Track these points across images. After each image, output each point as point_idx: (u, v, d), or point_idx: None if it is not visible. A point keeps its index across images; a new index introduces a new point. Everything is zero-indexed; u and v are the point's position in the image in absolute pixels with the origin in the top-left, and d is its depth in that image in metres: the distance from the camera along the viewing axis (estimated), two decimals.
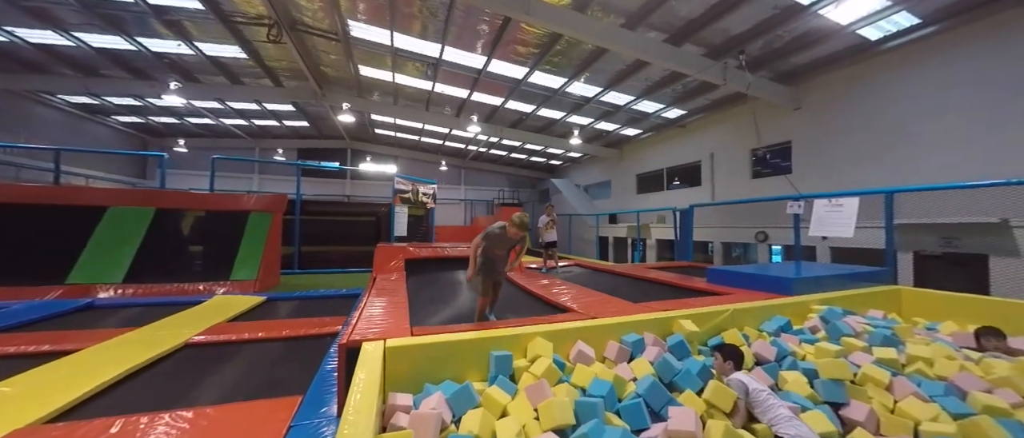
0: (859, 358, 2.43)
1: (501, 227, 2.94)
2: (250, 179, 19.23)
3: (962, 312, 3.38)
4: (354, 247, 9.23)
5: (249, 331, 3.51)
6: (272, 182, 18.69)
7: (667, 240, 12.47)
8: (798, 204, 5.65)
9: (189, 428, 1.85)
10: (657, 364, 2.18)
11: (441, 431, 1.56)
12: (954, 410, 1.93)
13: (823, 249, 8.36)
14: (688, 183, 13.93)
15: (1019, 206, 5.84)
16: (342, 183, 20.74)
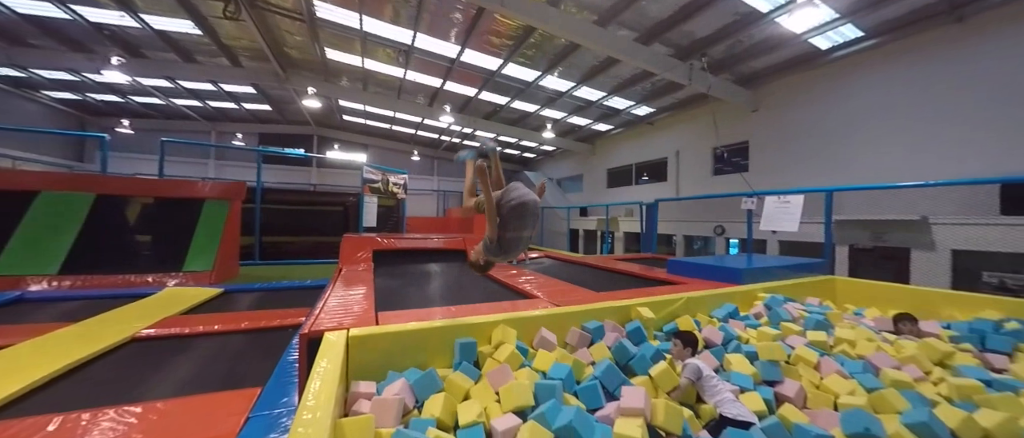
0: (794, 341, 2.68)
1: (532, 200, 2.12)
2: (205, 165, 18.05)
3: (885, 299, 3.77)
4: (320, 237, 8.94)
5: (204, 324, 3.37)
6: (230, 169, 17.63)
7: (634, 233, 12.93)
8: (751, 200, 6.04)
9: (137, 423, 1.78)
10: (614, 349, 2.31)
11: (404, 416, 1.60)
12: (868, 385, 2.18)
13: (773, 242, 8.99)
14: (655, 178, 14.46)
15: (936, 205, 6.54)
16: (308, 171, 19.88)
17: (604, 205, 11.99)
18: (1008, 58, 6.30)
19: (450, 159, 22.35)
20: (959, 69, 6.82)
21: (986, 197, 6.12)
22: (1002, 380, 2.17)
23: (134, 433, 1.70)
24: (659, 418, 1.76)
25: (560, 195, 19.08)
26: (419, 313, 2.52)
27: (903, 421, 1.77)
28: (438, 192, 21.52)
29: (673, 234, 12.58)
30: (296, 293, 4.89)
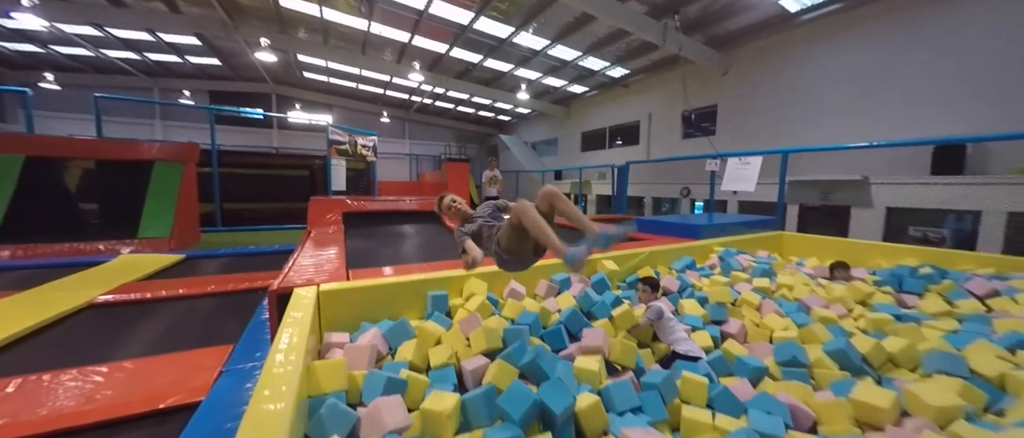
0: (741, 287, 2.95)
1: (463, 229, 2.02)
2: (150, 126, 16.53)
3: (825, 251, 4.15)
4: (286, 203, 8.59)
5: (168, 289, 3.26)
6: (180, 130, 16.25)
7: (606, 196, 13.25)
8: (715, 162, 6.30)
9: (103, 382, 1.76)
10: (579, 298, 2.47)
11: (377, 361, 1.68)
12: (800, 322, 2.47)
13: (733, 203, 9.49)
14: (628, 142, 14.64)
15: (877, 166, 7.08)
16: (268, 133, 18.65)
17: (578, 168, 12.11)
18: (960, 30, 6.62)
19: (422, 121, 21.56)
20: (915, 38, 7.13)
21: (919, 158, 6.68)
22: (909, 314, 2.51)
23: (101, 391, 1.69)
24: (615, 354, 1.95)
25: (535, 159, 19.03)
26: (391, 270, 2.56)
27: (824, 349, 2.04)
28: (411, 156, 20.86)
29: (643, 196, 13.00)
30: (264, 258, 4.77)
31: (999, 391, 1.65)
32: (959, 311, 2.51)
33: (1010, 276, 2.92)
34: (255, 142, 17.59)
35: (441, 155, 20.64)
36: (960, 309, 2.53)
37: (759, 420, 1.46)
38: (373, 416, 1.18)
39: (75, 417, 1.51)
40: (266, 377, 1.02)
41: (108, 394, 1.66)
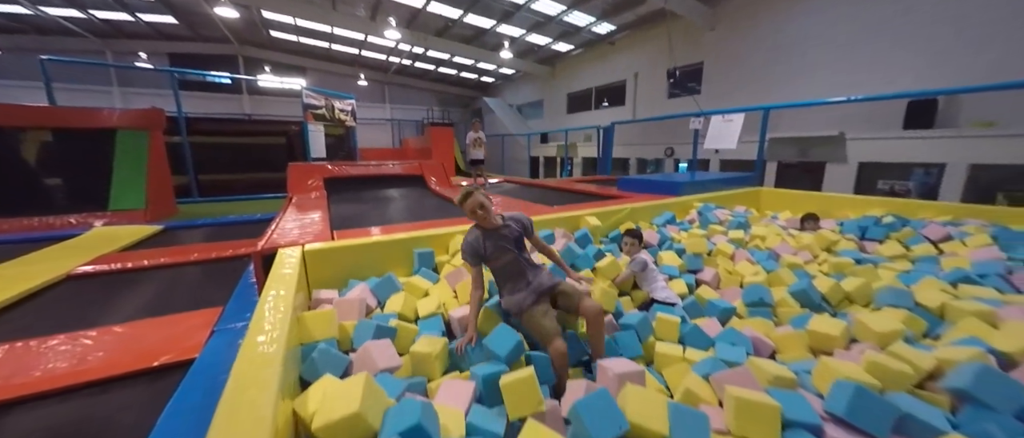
0: (717, 239, 3.09)
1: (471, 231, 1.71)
2: (108, 93, 15.40)
3: (800, 204, 4.32)
4: (264, 173, 8.33)
5: (149, 258, 3.22)
6: (141, 98, 15.18)
7: (592, 158, 13.25)
8: (699, 120, 6.32)
9: (93, 345, 1.78)
10: (563, 252, 2.54)
11: (367, 314, 1.73)
12: (768, 268, 2.62)
13: (716, 162, 9.64)
14: (614, 103, 14.44)
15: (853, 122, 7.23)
16: (238, 99, 17.64)
17: (563, 130, 11.98)
18: None
19: (402, 84, 20.67)
20: None
21: (893, 114, 6.84)
22: (868, 258, 2.69)
23: (92, 353, 1.71)
24: (596, 299, 2.05)
25: (521, 122, 18.68)
26: (377, 231, 2.57)
27: (788, 290, 2.19)
28: (392, 121, 20.18)
29: (628, 158, 13.05)
30: (246, 227, 4.70)
31: (938, 319, 1.83)
32: (913, 254, 2.70)
33: (963, 222, 3.12)
34: (225, 109, 16.67)
35: (424, 120, 20.03)
36: (914, 252, 2.72)
37: (724, 350, 1.60)
38: (364, 358, 1.24)
39: (69, 377, 1.54)
40: (256, 324, 1.06)
41: (100, 355, 1.69)
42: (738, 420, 1.08)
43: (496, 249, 1.66)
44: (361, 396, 0.86)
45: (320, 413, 0.86)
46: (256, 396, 0.77)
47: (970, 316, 1.66)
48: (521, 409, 1.12)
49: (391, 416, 0.91)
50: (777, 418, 1.05)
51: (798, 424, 1.07)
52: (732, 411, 1.09)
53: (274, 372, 0.85)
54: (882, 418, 1.04)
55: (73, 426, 1.34)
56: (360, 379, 0.91)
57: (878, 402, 1.05)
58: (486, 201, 1.67)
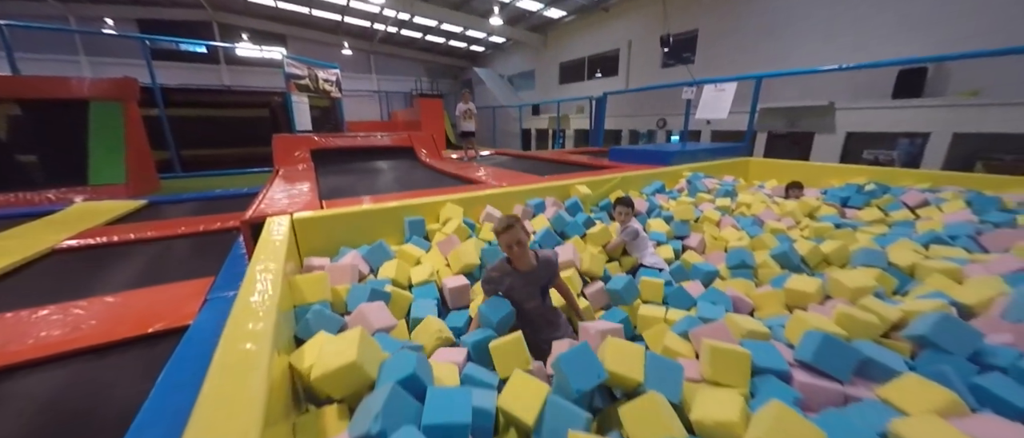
0: (705, 206, 3.14)
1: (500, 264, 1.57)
2: (75, 63, 14.54)
3: (787, 174, 4.38)
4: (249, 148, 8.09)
5: (136, 232, 3.17)
6: (110, 68, 14.36)
7: (585, 130, 13.13)
8: (691, 90, 6.26)
9: (85, 314, 1.79)
10: (553, 219, 2.58)
11: (359, 280, 1.76)
12: (752, 233, 2.70)
13: (707, 133, 9.63)
14: (607, 73, 14.16)
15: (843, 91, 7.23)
16: (216, 70, 16.83)
17: (555, 101, 11.77)
18: None
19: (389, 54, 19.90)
20: None
21: (884, 83, 6.85)
22: (847, 222, 2.77)
23: (85, 322, 1.72)
24: (585, 265, 2.11)
25: (512, 94, 18.26)
26: (366, 200, 2.56)
27: (770, 254, 2.27)
28: (379, 93, 19.54)
29: (620, 130, 12.96)
30: (232, 201, 4.63)
31: (908, 277, 1.93)
32: (891, 219, 2.79)
33: (941, 189, 3.21)
34: (203, 80, 15.91)
35: (412, 91, 19.43)
36: (892, 217, 2.81)
37: (705, 309, 1.67)
38: (359, 319, 1.28)
39: (64, 344, 1.55)
40: (248, 284, 1.07)
41: (93, 323, 1.70)
42: (712, 367, 1.15)
43: (524, 295, 1.52)
44: (358, 347, 0.89)
45: (318, 364, 0.89)
46: (251, 349, 0.79)
47: (937, 273, 1.75)
48: (509, 368, 1.17)
49: (387, 367, 0.95)
50: (747, 364, 1.11)
51: (767, 370, 1.14)
52: (707, 360, 1.16)
53: (267, 326, 0.87)
54: (845, 362, 1.11)
55: (71, 390, 1.37)
56: (356, 332, 0.94)
57: (843, 348, 1.13)
58: (524, 237, 1.49)
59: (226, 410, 0.62)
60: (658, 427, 0.90)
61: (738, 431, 0.87)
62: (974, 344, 1.17)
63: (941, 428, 0.84)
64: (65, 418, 1.25)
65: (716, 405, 0.95)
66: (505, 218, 1.50)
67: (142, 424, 1.15)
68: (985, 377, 1.06)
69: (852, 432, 0.87)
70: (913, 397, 0.97)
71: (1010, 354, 1.13)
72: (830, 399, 1.07)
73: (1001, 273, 1.66)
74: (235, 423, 0.60)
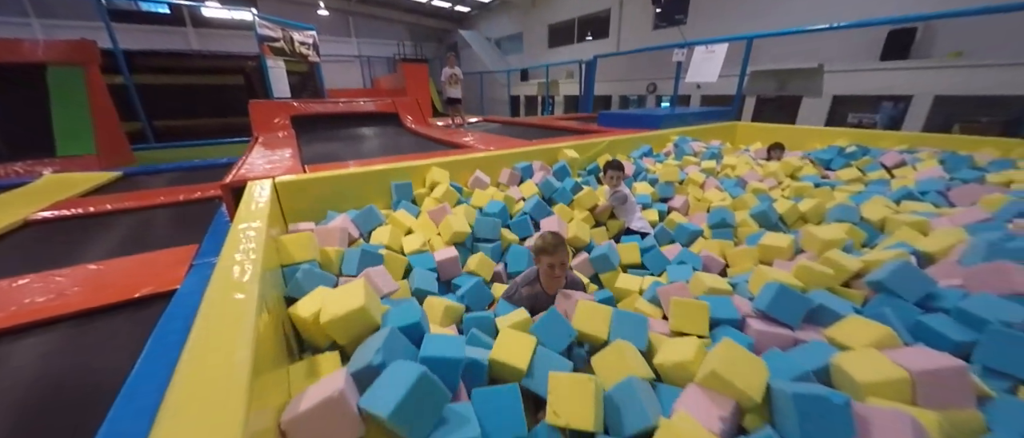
0: (690, 169, 3.18)
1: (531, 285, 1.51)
2: (27, 25, 13.39)
3: (773, 137, 4.41)
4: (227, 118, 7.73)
5: (113, 202, 3.08)
6: (66, 31, 13.28)
7: (574, 96, 12.88)
8: (682, 52, 6.13)
9: (67, 282, 1.76)
10: (541, 185, 2.59)
11: (349, 244, 1.76)
12: (735, 194, 2.76)
13: (697, 97, 9.55)
14: (597, 36, 13.73)
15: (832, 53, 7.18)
16: (182, 33, 15.72)
17: (544, 65, 11.43)
18: None
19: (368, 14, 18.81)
20: None
21: (873, 45, 6.80)
22: (825, 181, 2.85)
23: (69, 289, 1.70)
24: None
25: (499, 58, 17.63)
26: (351, 165, 2.52)
27: (750, 213, 2.34)
28: (360, 58, 18.63)
29: (610, 95, 12.75)
30: (213, 171, 4.49)
31: (878, 231, 2.02)
32: (868, 178, 2.87)
33: (919, 150, 3.30)
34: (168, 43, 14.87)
35: (395, 56, 18.58)
36: (869, 176, 2.89)
37: (674, 272, 1.75)
38: None
39: (48, 310, 1.54)
40: (231, 243, 1.07)
41: (77, 290, 1.68)
42: (675, 319, 1.23)
43: (541, 310, 1.41)
44: (364, 294, 0.92)
45: (326, 311, 0.93)
46: (237, 299, 0.81)
47: (905, 227, 1.84)
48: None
49: (392, 315, 0.98)
50: (706, 315, 1.20)
51: (724, 320, 1.23)
52: (671, 313, 1.25)
53: (253, 280, 0.88)
54: (797, 310, 1.20)
55: (58, 356, 1.37)
56: (359, 283, 0.97)
57: (795, 297, 1.20)
58: (567, 260, 1.42)
59: (214, 357, 0.64)
60: (624, 369, 0.97)
61: (693, 368, 0.94)
62: (926, 289, 1.25)
63: (874, 356, 0.92)
64: (54, 383, 1.26)
65: (676, 350, 1.02)
66: (554, 235, 1.41)
67: (135, 384, 1.18)
68: (928, 316, 1.15)
69: (792, 366, 0.97)
70: (855, 335, 1.06)
71: (954, 295, 1.21)
72: (781, 343, 1.16)
73: (964, 224, 1.75)
74: (223, 371, 0.61)
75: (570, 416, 0.82)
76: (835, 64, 7.24)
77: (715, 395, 0.86)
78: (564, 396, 0.84)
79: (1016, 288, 1.15)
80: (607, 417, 0.88)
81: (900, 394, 0.85)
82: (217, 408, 0.53)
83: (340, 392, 0.69)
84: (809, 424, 0.75)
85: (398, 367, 0.75)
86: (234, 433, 0.49)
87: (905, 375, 0.85)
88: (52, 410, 1.16)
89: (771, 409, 0.84)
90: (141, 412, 1.01)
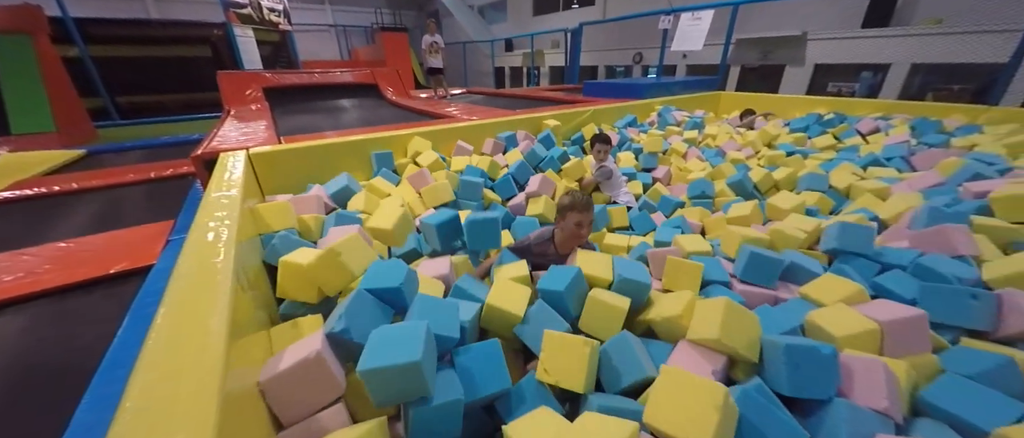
0: (673, 139, 3.21)
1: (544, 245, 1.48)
2: None
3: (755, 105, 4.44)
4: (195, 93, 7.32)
5: (79, 181, 2.94)
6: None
7: (560, 68, 12.62)
8: (668, 20, 6.01)
9: (37, 261, 1.71)
10: (527, 154, 2.57)
11: (326, 213, 1.74)
12: (714, 163, 2.81)
13: (682, 67, 9.49)
14: (583, 3, 13.30)
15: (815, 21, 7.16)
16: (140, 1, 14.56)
17: (529, 34, 11.08)
18: None
19: None
20: None
21: (855, 12, 6.80)
22: (800, 150, 2.92)
23: (40, 267, 1.65)
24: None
25: (483, 27, 16.98)
26: (328, 135, 2.45)
27: (727, 182, 2.39)
28: (336, 28, 17.68)
29: (596, 65, 12.54)
30: (184, 147, 4.30)
31: (844, 198, 2.10)
32: (842, 145, 2.95)
33: (893, 117, 3.38)
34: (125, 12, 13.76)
35: (372, 25, 17.66)
36: (843, 143, 2.97)
37: (662, 233, 1.80)
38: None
39: (18, 288, 1.50)
40: (204, 211, 1.04)
41: (48, 268, 1.63)
42: (668, 278, 1.27)
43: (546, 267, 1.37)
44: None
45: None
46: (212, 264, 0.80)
47: (868, 193, 1.92)
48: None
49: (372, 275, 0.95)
50: (699, 274, 1.24)
51: (715, 281, 1.28)
52: (666, 272, 1.28)
53: (229, 245, 0.87)
54: (771, 272, 1.26)
55: (30, 333, 1.35)
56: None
57: (768, 259, 1.26)
58: (589, 222, 1.36)
59: (189, 321, 0.64)
60: (611, 322, 1.01)
61: (684, 322, 0.98)
62: (870, 240, 1.32)
63: (843, 311, 0.98)
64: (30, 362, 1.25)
65: (668, 305, 1.06)
66: (584, 195, 1.38)
67: (115, 358, 1.17)
68: (883, 276, 1.23)
69: (779, 321, 1.03)
70: (827, 291, 1.12)
71: (906, 255, 1.29)
72: (764, 301, 1.23)
73: (921, 189, 1.83)
74: (199, 332, 0.60)
75: (560, 375, 0.83)
76: (818, 31, 7.26)
77: (706, 351, 0.89)
78: (556, 355, 0.85)
79: (957, 249, 1.23)
80: (601, 371, 0.89)
81: (871, 344, 0.91)
82: (193, 369, 0.54)
83: (317, 353, 0.70)
84: (799, 373, 0.79)
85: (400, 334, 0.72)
86: (211, 394, 0.49)
87: (875, 327, 0.91)
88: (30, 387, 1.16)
89: (761, 361, 0.88)
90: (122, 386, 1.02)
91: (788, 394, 0.80)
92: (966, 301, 1.02)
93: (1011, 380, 0.84)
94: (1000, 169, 1.85)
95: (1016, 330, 0.98)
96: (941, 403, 0.80)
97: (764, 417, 0.71)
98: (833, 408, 0.76)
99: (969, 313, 1.02)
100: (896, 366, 0.85)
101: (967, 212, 1.44)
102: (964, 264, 1.19)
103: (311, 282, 0.98)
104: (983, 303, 1.02)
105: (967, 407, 0.77)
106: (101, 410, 0.98)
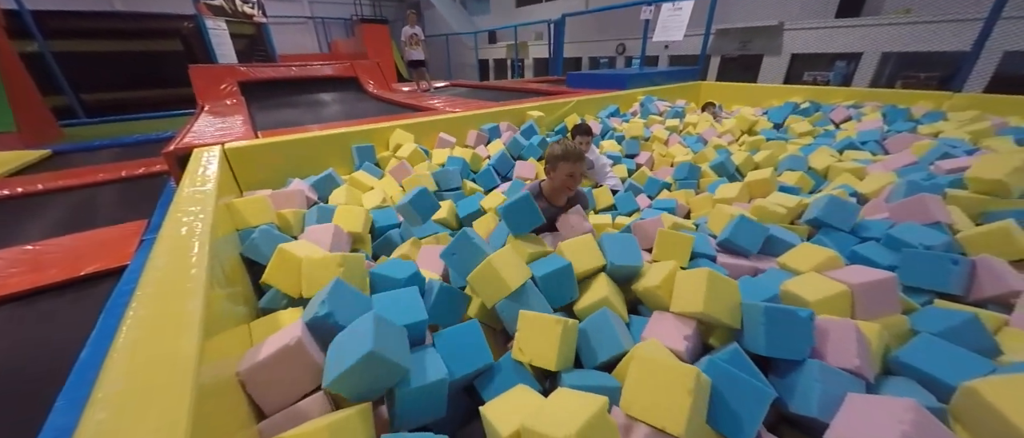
0: (655, 127, 3.25)
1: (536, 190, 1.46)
2: None
3: (735, 96, 4.55)
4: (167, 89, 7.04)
5: (45, 182, 2.81)
6: None
7: (543, 59, 12.59)
8: (649, 9, 6.05)
9: (3, 265, 1.64)
10: (509, 144, 2.57)
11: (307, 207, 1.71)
12: (696, 149, 2.86)
13: (665, 58, 9.58)
14: None
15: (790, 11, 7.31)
16: None
17: (512, 26, 10.99)
18: None
19: None
20: None
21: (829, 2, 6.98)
22: (779, 135, 3.00)
23: (6, 270, 1.58)
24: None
25: (465, 18, 16.75)
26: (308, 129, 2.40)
27: (709, 165, 2.45)
28: (314, 20, 17.16)
29: (580, 56, 12.55)
30: (156, 145, 4.14)
31: (823, 178, 2.17)
32: (817, 131, 3.04)
33: (864, 104, 3.49)
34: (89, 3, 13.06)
35: (352, 17, 17.22)
36: (819, 130, 3.06)
37: (648, 213, 1.83)
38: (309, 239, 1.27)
39: None
40: (177, 207, 1.01)
41: (14, 272, 1.57)
42: (659, 249, 1.30)
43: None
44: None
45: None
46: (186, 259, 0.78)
47: (846, 173, 1.99)
48: None
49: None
50: (689, 246, 1.27)
51: (702, 254, 1.31)
52: (657, 243, 1.31)
53: (203, 239, 0.85)
54: (755, 237, 1.31)
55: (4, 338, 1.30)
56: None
57: (754, 226, 1.31)
58: (579, 173, 1.33)
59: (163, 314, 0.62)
60: (599, 300, 1.03)
61: (662, 292, 1.01)
62: (854, 215, 1.39)
63: (815, 278, 1.02)
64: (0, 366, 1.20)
65: (651, 276, 1.09)
66: (574, 145, 1.33)
67: (89, 358, 1.14)
68: (861, 245, 1.28)
69: (758, 290, 1.07)
70: (803, 259, 1.16)
71: (883, 226, 1.35)
72: (745, 272, 1.26)
73: (895, 168, 1.92)
74: (173, 324, 0.59)
75: (533, 354, 0.86)
76: (793, 21, 7.43)
77: (679, 320, 0.94)
78: (530, 334, 0.87)
79: (933, 216, 1.30)
80: (581, 347, 0.92)
81: (843, 307, 0.96)
82: (165, 360, 0.52)
83: (297, 340, 0.70)
84: (775, 334, 0.83)
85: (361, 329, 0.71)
86: (184, 385, 0.48)
87: (846, 289, 0.96)
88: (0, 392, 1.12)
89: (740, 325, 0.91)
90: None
91: (764, 354, 0.84)
92: (946, 266, 1.09)
93: (979, 337, 0.89)
94: (966, 151, 1.95)
95: (991, 293, 1.04)
96: (913, 361, 0.84)
97: (729, 383, 0.73)
98: (806, 368, 0.80)
99: (947, 278, 1.08)
100: (868, 328, 0.89)
101: (942, 185, 1.52)
102: (938, 231, 1.25)
103: (306, 278, 0.96)
104: (962, 268, 1.08)
105: (937, 365, 0.82)
106: (75, 412, 0.95)
